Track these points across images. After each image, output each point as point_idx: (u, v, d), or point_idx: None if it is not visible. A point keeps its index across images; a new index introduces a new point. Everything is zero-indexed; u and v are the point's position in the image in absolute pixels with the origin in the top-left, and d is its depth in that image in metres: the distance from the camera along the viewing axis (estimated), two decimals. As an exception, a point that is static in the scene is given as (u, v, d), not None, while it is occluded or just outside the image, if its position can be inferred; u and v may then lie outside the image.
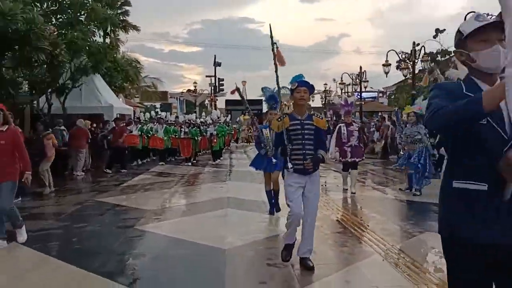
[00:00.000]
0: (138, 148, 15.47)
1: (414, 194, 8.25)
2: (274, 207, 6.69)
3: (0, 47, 8.37)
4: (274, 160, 6.11)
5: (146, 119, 17.40)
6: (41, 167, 8.94)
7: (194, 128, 16.85)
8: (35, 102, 14.11)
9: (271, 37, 4.34)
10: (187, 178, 11.80)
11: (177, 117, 21.77)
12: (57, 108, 14.69)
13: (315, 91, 42.59)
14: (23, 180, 5.04)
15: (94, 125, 14.78)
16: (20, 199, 7.38)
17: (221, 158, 17.20)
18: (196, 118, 22.19)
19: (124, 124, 14.20)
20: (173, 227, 6.10)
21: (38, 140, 9.37)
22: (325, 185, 9.77)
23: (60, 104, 14.62)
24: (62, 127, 12.51)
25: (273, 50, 4.38)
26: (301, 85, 4.16)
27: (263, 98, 6.49)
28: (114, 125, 13.61)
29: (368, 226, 6.03)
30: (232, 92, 6.44)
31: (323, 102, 46.04)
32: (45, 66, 11.73)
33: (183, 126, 17.62)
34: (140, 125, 15.81)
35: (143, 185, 10.30)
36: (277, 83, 4.60)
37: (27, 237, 5.29)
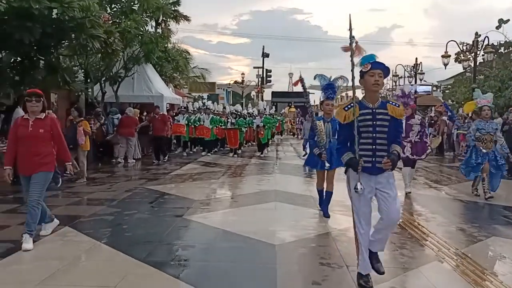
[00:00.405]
0: (185, 139, 15.43)
1: (489, 197, 7.34)
2: (323, 210, 6.11)
3: (58, 35, 8.54)
4: (327, 164, 5.73)
5: (195, 109, 17.14)
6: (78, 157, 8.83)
7: (240, 119, 16.74)
8: (89, 90, 14.53)
9: (350, 26, 3.55)
10: (234, 169, 11.72)
11: (224, 107, 21.74)
12: (111, 96, 15.10)
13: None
14: (66, 172, 4.93)
15: (145, 113, 15.06)
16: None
17: (268, 150, 17.02)
18: (243, 109, 22.06)
19: (161, 114, 13.46)
20: (221, 219, 5.99)
21: (72, 127, 9.24)
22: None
23: (113, 92, 15.02)
24: (118, 115, 12.80)
25: (351, 40, 3.56)
26: (375, 66, 3.46)
27: (320, 86, 5.87)
28: (155, 114, 13.31)
29: (428, 227, 5.62)
30: (295, 84, 6.04)
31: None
32: (99, 54, 11.98)
33: (229, 116, 17.52)
34: (187, 115, 15.64)
35: (191, 175, 10.32)
36: (352, 73, 3.61)
37: (77, 222, 5.37)
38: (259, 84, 39.09)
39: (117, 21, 13.22)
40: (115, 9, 14.27)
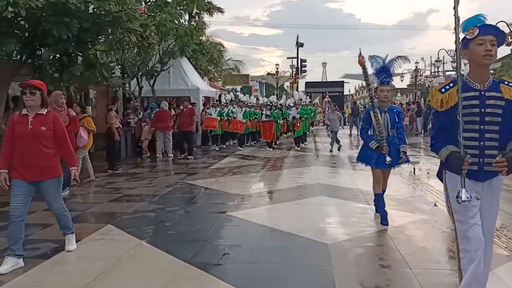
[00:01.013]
0: (217, 133, 14.88)
1: None
2: (382, 217, 5.08)
3: (94, 30, 8.45)
4: (388, 159, 4.91)
5: (227, 101, 16.41)
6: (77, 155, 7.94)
7: (276, 111, 16.19)
8: (127, 85, 14.60)
9: (455, 8, 2.52)
10: (273, 162, 11.42)
11: (257, 99, 21.31)
12: (147, 91, 15.13)
13: (404, 71, 39.95)
14: (72, 178, 4.20)
15: (181, 107, 14.95)
16: (68, 191, 6.84)
17: (306, 143, 16.41)
18: (277, 100, 21.55)
19: (189, 107, 12.67)
20: (267, 215, 5.70)
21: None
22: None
23: (149, 86, 15.03)
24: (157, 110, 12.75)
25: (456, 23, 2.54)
26: (485, 31, 2.53)
27: (373, 70, 5.04)
28: (183, 107, 12.87)
29: (504, 225, 5.11)
30: (361, 63, 5.02)
31: (413, 83, 43.11)
32: (135, 49, 11.94)
33: (263, 108, 17.04)
34: (219, 108, 15.02)
35: (230, 168, 10.10)
36: (456, 37, 2.54)
37: (120, 220, 5.23)
38: (293, 74, 38.49)
39: (152, 15, 13.14)
40: (149, 3, 14.20)
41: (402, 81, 45.19)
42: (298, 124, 15.02)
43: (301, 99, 18.52)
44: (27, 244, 4.32)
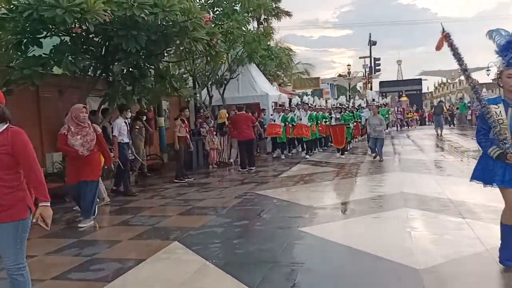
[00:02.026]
0: (282, 140, 13.68)
1: None
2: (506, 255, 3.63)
3: (162, 41, 8.47)
4: None
5: (293, 105, 15.22)
6: None
7: (346, 113, 15.23)
8: (197, 95, 14.73)
9: None
10: (348, 168, 10.71)
11: (326, 101, 20.34)
12: (217, 100, 15.17)
13: (490, 64, 36.52)
14: (34, 220, 2.90)
15: (256, 114, 14.69)
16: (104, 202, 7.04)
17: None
18: (347, 101, 20.43)
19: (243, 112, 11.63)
20: (343, 231, 5.13)
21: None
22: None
23: (219, 95, 15.05)
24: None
25: None
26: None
27: (496, 48, 3.57)
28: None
29: None
30: (439, 46, 3.58)
31: (497, 77, 39.35)
32: (205, 59, 11.94)
33: (332, 111, 16.19)
34: (282, 114, 13.82)
35: (302, 176, 9.60)
36: None
37: (187, 236, 4.99)
38: (366, 74, 36.99)
39: (220, 24, 13.12)
40: (217, 12, 14.22)
41: (488, 75, 41.44)
42: None
43: (373, 100, 17.12)
44: (92, 264, 4.20)
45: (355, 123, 15.97)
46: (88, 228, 5.71)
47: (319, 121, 14.80)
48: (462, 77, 43.58)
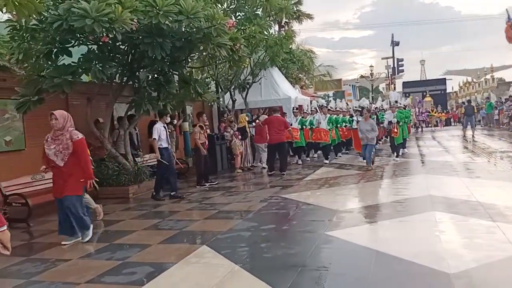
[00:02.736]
0: (300, 145, 13.13)
1: None
2: None
3: (187, 48, 8.61)
4: None
5: (313, 108, 14.93)
6: None
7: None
8: (221, 99, 14.87)
9: None
10: (373, 171, 10.61)
11: (347, 104, 19.98)
12: (240, 104, 15.27)
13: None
14: None
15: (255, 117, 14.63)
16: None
17: (405, 151, 14.40)
18: (370, 103, 20.04)
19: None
20: (371, 235, 5.11)
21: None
22: None
23: (242, 99, 15.15)
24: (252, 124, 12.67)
25: None
26: None
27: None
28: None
29: None
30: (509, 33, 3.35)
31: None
32: (227, 64, 12.07)
33: (353, 114, 15.77)
34: (300, 117, 13.50)
35: (327, 179, 9.57)
36: None
37: (215, 240, 5.05)
38: (389, 75, 36.52)
39: (242, 28, 13.24)
40: (239, 17, 14.33)
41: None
42: (396, 130, 12.68)
43: (396, 101, 15.53)
44: (124, 268, 4.31)
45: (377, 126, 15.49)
46: (117, 233, 5.86)
47: (339, 125, 14.34)
48: (488, 76, 42.39)
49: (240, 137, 12.38)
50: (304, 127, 13.33)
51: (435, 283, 3.55)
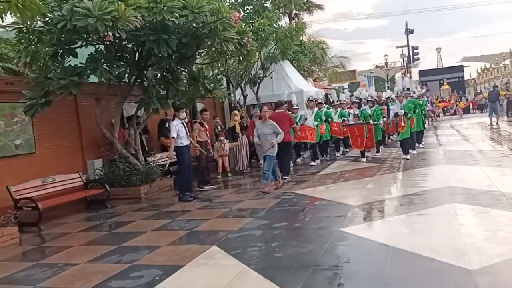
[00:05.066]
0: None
1: None
2: None
3: (193, 43, 8.46)
4: None
5: (320, 101, 13.04)
6: None
7: (374, 108, 11.89)
8: (232, 95, 14.71)
9: None
10: (390, 162, 10.34)
11: (351, 95, 18.09)
12: (252, 99, 15.08)
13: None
14: None
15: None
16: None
17: (422, 146, 12.48)
18: (383, 92, 18.75)
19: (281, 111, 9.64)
20: (388, 231, 4.88)
21: None
22: None
23: (253, 94, 14.96)
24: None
25: None
26: None
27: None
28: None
29: None
30: None
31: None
32: (237, 59, 11.89)
33: (360, 105, 12.70)
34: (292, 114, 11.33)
35: (341, 173, 9.34)
36: None
37: (225, 239, 4.91)
38: (405, 64, 35.82)
39: (251, 22, 13.03)
40: (247, 10, 14.12)
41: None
42: (403, 124, 10.55)
43: (408, 89, 12.66)
44: (132, 271, 4.20)
45: (384, 119, 11.91)
46: (127, 234, 5.77)
47: (330, 119, 11.98)
48: (507, 61, 41.16)
49: (223, 138, 10.81)
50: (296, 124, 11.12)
51: (456, 280, 3.33)
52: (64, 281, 4.16)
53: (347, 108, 13.30)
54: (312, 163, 11.14)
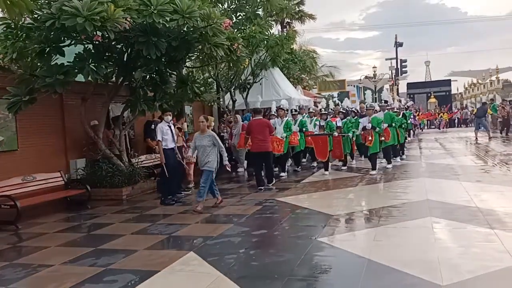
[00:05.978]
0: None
1: None
2: None
3: (183, 47, 8.46)
4: None
5: (311, 110, 13.27)
6: None
7: (345, 120, 11.81)
8: (221, 99, 14.73)
9: None
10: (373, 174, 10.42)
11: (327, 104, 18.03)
12: (241, 104, 15.12)
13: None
14: None
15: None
16: None
17: (399, 160, 12.32)
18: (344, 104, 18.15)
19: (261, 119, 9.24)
20: (365, 243, 4.93)
21: None
22: None
23: (243, 99, 15.00)
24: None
25: None
26: None
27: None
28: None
29: None
30: None
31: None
32: (226, 63, 11.92)
33: (328, 116, 11.94)
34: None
35: (324, 182, 9.42)
36: None
37: (203, 246, 4.90)
38: (393, 76, 36.24)
39: (243, 28, 13.09)
40: (240, 17, 14.19)
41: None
42: (370, 138, 10.27)
43: (385, 101, 12.90)
44: (106, 275, 4.17)
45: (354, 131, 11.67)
46: (105, 237, 5.72)
47: (304, 129, 11.61)
48: (493, 77, 41.97)
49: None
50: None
51: (426, 295, 3.38)
52: (37, 283, 4.12)
53: (331, 117, 12.43)
54: (282, 174, 10.68)
